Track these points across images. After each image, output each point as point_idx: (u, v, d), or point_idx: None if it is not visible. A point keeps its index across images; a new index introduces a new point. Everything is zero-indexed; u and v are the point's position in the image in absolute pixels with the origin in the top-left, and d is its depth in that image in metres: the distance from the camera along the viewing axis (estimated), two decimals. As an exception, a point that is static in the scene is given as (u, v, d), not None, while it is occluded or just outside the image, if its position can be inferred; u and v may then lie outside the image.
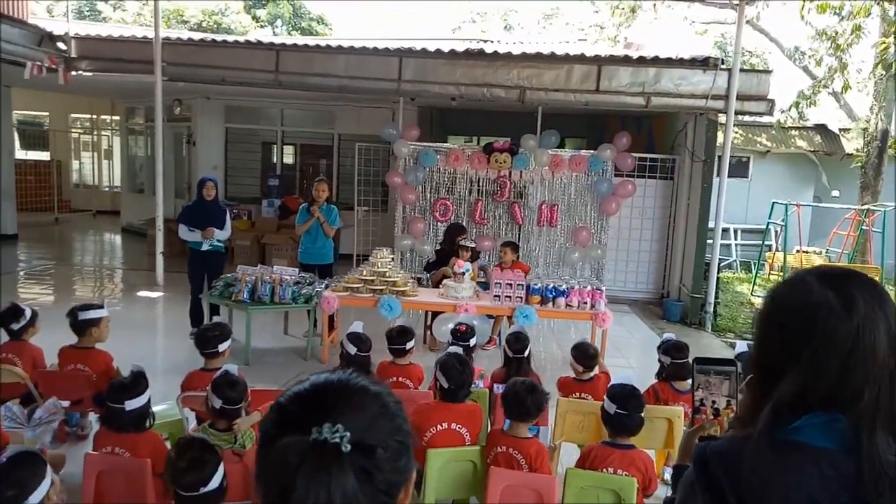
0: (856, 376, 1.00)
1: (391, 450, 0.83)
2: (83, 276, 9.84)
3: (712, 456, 1.07)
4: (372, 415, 0.84)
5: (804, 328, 1.04)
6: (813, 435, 1.01)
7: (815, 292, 1.05)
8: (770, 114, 8.53)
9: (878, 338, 1.00)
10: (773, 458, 1.02)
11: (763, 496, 1.00)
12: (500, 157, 8.77)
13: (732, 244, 13.42)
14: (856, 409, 0.99)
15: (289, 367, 5.89)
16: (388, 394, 0.91)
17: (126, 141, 13.94)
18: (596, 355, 4.07)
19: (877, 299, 1.03)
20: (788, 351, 1.06)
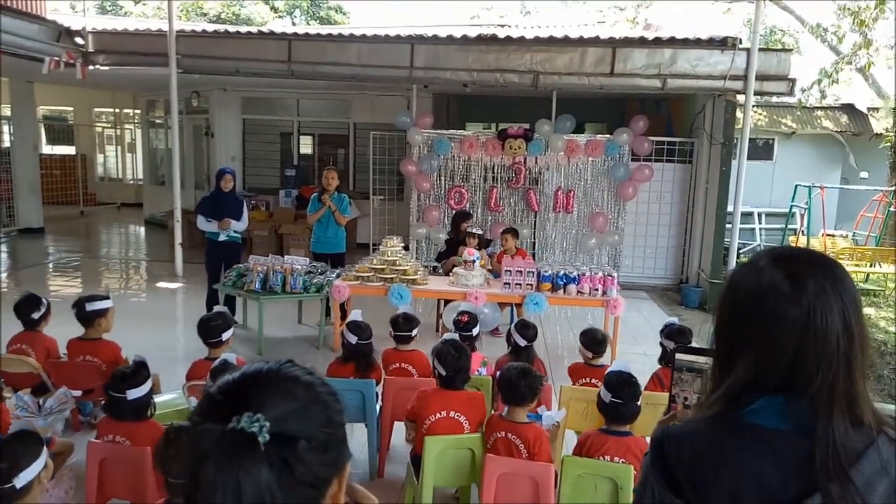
0: (808, 360, 0.97)
1: (318, 442, 0.81)
2: (107, 267, 10.04)
3: (668, 438, 1.07)
4: (299, 405, 0.82)
5: (755, 312, 1.02)
6: (769, 416, 1.00)
7: (766, 275, 1.03)
8: (791, 94, 8.31)
9: (831, 321, 0.97)
10: (726, 438, 1.02)
11: (714, 476, 1.00)
12: (514, 144, 8.70)
13: (756, 228, 13.14)
14: (810, 391, 0.97)
15: (301, 356, 5.94)
16: (321, 384, 0.89)
17: (147, 134, 14.15)
18: (605, 341, 4.03)
19: (830, 281, 1.00)
20: (742, 335, 1.04)
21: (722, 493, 0.98)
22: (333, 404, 0.88)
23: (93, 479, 2.91)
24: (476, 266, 6.04)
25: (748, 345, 1.02)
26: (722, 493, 0.98)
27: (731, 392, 1.04)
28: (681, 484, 1.01)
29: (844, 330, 0.97)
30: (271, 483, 0.75)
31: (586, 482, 2.85)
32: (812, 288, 0.98)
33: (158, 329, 6.57)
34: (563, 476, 2.87)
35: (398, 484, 3.68)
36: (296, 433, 0.79)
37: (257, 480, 0.74)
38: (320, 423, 0.84)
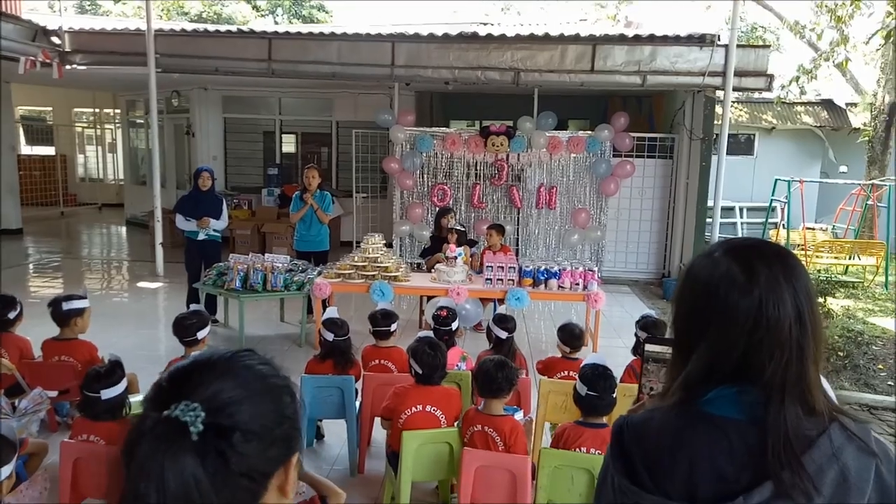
0: (762, 349, 0.98)
1: (258, 435, 0.79)
2: (88, 268, 9.93)
3: (627, 427, 1.08)
4: (243, 396, 0.81)
5: (709, 302, 1.03)
6: (723, 406, 1.01)
7: (720, 266, 1.03)
8: (769, 89, 8.40)
9: (783, 310, 0.98)
10: (681, 428, 1.03)
11: (669, 466, 1.00)
12: (496, 141, 8.72)
13: (738, 223, 13.29)
14: (763, 380, 0.98)
15: (283, 354, 5.92)
16: (275, 376, 0.88)
17: (127, 133, 14.03)
18: (582, 336, 4.05)
19: (783, 271, 1.00)
20: (697, 325, 1.05)
21: (678, 482, 0.98)
22: (284, 397, 0.87)
23: (66, 479, 2.89)
24: (458, 262, 6.05)
25: (703, 335, 1.03)
26: (678, 482, 0.98)
27: (689, 381, 1.05)
28: (639, 472, 1.02)
29: (797, 318, 0.98)
30: (198, 473, 0.73)
31: (563, 474, 2.87)
32: (764, 277, 0.99)
33: (139, 329, 6.52)
34: (541, 468, 2.88)
35: (378, 479, 3.68)
36: (232, 425, 0.77)
37: (182, 469, 0.72)
38: (265, 416, 0.82)
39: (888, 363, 6.13)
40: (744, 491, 0.94)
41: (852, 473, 0.93)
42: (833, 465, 0.93)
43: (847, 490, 0.92)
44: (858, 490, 0.92)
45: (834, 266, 10.30)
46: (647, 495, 0.99)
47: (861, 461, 0.94)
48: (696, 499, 0.96)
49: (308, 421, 3.79)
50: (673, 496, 0.98)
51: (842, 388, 5.45)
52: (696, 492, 0.97)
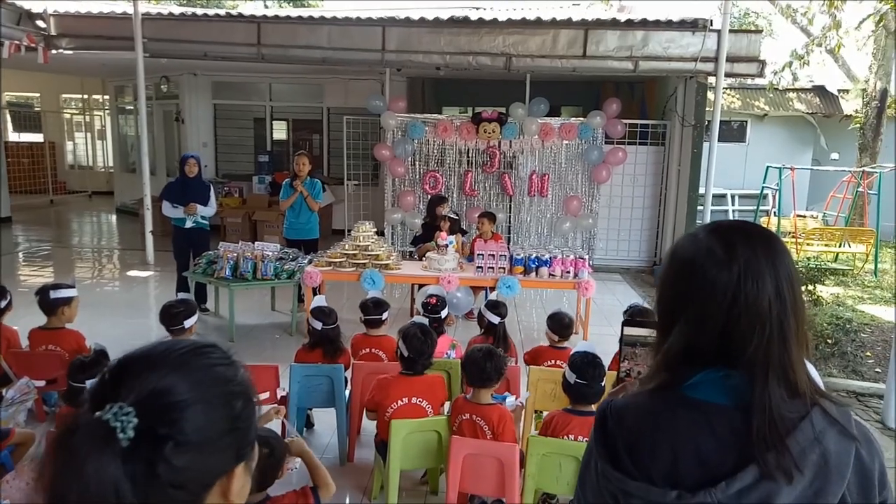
0: (740, 326, 0.98)
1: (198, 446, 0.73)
2: (78, 256, 9.87)
3: (611, 412, 1.08)
4: (191, 401, 0.74)
5: (688, 277, 1.03)
6: (708, 391, 1.00)
7: (702, 243, 1.04)
8: (761, 75, 8.38)
9: (762, 285, 0.98)
10: (664, 413, 1.03)
11: (652, 452, 1.00)
12: (488, 127, 8.68)
13: (730, 210, 13.31)
14: (744, 360, 0.97)
15: (274, 343, 5.91)
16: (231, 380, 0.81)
17: (116, 120, 13.88)
18: (571, 325, 4.05)
19: (764, 249, 1.00)
20: (677, 301, 1.05)
21: (661, 468, 0.98)
22: (237, 403, 0.80)
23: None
24: (449, 250, 6.03)
25: (683, 310, 1.03)
26: (661, 468, 0.98)
27: (669, 358, 1.04)
28: (622, 458, 1.01)
29: (777, 294, 0.97)
30: (122, 481, 0.68)
31: (551, 461, 2.88)
32: (743, 253, 0.99)
33: (129, 318, 6.49)
34: (529, 455, 2.89)
35: (368, 468, 3.68)
36: (168, 434, 0.71)
37: (105, 476, 0.68)
38: (210, 425, 0.75)
39: (876, 350, 6.18)
40: (727, 476, 0.93)
41: (833, 458, 0.93)
42: (815, 450, 0.93)
43: (828, 474, 0.93)
44: (839, 474, 0.93)
45: (824, 253, 10.35)
46: (630, 482, 0.99)
47: (842, 445, 0.94)
48: (679, 484, 0.96)
49: (297, 410, 3.78)
50: (656, 482, 0.98)
51: (830, 375, 5.49)
52: (679, 477, 0.97)
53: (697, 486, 0.95)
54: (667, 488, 0.96)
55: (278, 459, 2.15)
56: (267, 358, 5.31)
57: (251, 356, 5.37)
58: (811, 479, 0.92)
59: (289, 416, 3.82)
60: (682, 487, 0.95)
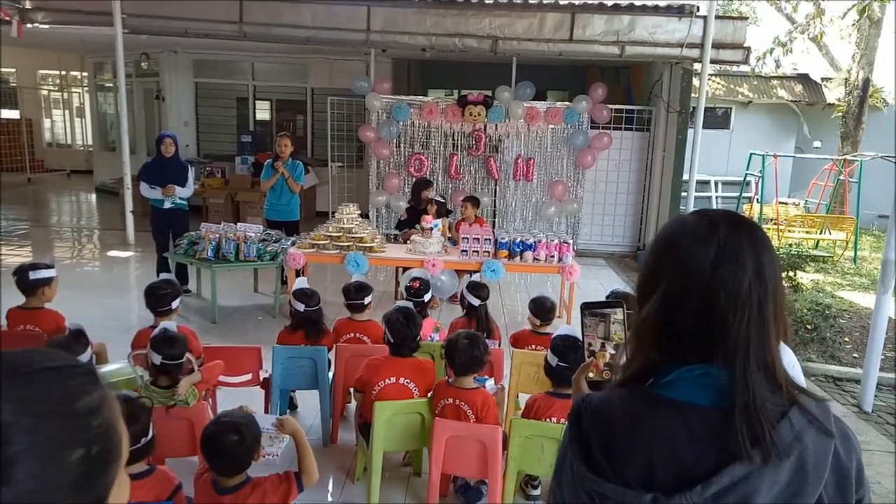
0: (718, 307, 0.96)
1: (48, 467, 0.60)
2: (57, 236, 9.71)
3: (586, 409, 1.05)
4: (34, 413, 0.61)
5: (669, 253, 1.03)
6: (685, 390, 0.98)
7: (687, 223, 1.04)
8: (746, 62, 8.42)
9: (741, 268, 0.96)
10: (640, 413, 1.00)
11: (628, 452, 0.97)
12: (474, 111, 8.63)
13: (713, 196, 13.41)
14: (724, 350, 0.95)
15: (257, 325, 5.88)
16: (85, 395, 0.66)
17: (95, 98, 13.60)
18: (553, 309, 4.05)
19: (747, 235, 0.99)
20: (656, 274, 1.04)
21: (636, 469, 0.96)
22: (97, 416, 0.65)
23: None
24: (434, 234, 6.02)
25: (660, 283, 1.02)
26: (636, 469, 0.96)
27: (645, 333, 1.03)
28: (596, 458, 0.99)
29: (757, 277, 0.96)
30: None
31: (534, 444, 2.90)
32: (725, 235, 0.98)
33: (109, 298, 6.41)
34: (511, 438, 2.91)
35: (351, 450, 3.69)
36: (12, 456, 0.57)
37: None
38: (62, 443, 0.61)
39: (854, 336, 6.28)
40: (703, 479, 0.92)
41: (811, 458, 0.92)
42: (794, 450, 0.91)
43: (805, 475, 0.91)
44: (816, 475, 0.92)
45: (805, 240, 10.48)
46: (605, 483, 0.96)
47: (820, 445, 0.93)
48: (655, 487, 0.94)
49: (280, 392, 3.77)
50: (632, 484, 0.95)
51: (809, 360, 5.58)
52: (655, 479, 0.95)
53: (673, 489, 0.92)
54: (642, 491, 0.94)
55: (249, 446, 2.14)
56: (249, 340, 5.28)
57: (233, 338, 5.34)
58: (788, 481, 0.91)
59: (272, 398, 3.81)
60: (657, 490, 0.93)
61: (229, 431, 2.09)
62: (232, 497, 2.14)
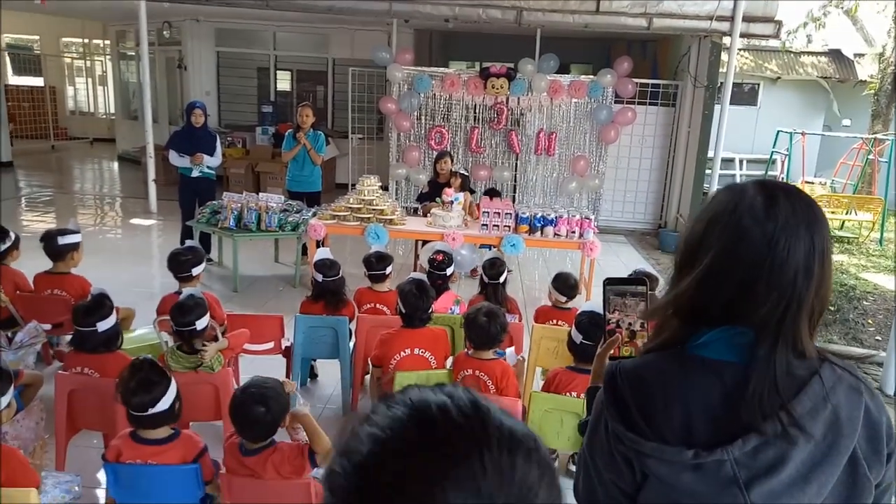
0: (756, 288, 0.95)
1: None
2: (81, 203, 9.84)
3: (621, 372, 1.06)
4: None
5: (721, 220, 1.00)
6: (718, 349, 0.99)
7: (744, 192, 1.00)
8: (777, 37, 8.19)
9: (793, 255, 0.94)
10: (675, 372, 1.01)
11: (665, 411, 0.99)
12: (496, 83, 8.52)
13: (737, 174, 13.18)
14: (756, 320, 0.95)
15: (277, 294, 5.94)
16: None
17: (118, 66, 13.63)
18: (576, 286, 4.04)
19: (807, 217, 0.96)
20: (703, 242, 1.02)
21: (674, 427, 0.97)
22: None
23: (62, 411, 2.92)
24: (455, 207, 6.00)
25: (706, 252, 1.00)
26: (674, 427, 0.97)
27: (680, 303, 1.02)
28: (634, 418, 1.00)
29: (805, 268, 0.95)
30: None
31: (553, 417, 2.92)
32: (783, 217, 0.95)
33: (133, 265, 6.51)
34: (531, 411, 2.93)
35: (371, 418, 3.73)
36: None
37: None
38: None
39: (877, 319, 6.20)
40: (741, 433, 0.93)
41: (844, 412, 0.93)
42: (826, 405, 0.93)
43: (839, 429, 0.93)
44: (850, 428, 0.93)
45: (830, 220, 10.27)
46: (645, 442, 0.98)
47: (851, 400, 0.94)
48: (693, 443, 0.95)
49: (302, 360, 3.82)
50: (670, 441, 0.97)
51: (831, 341, 5.53)
52: (693, 436, 0.96)
53: (713, 444, 0.94)
54: (682, 447, 0.95)
55: (274, 416, 2.18)
56: (270, 309, 5.35)
57: (254, 306, 5.41)
58: (823, 434, 0.92)
59: (293, 367, 3.87)
60: (697, 446, 0.95)
61: (256, 402, 2.13)
62: (254, 459, 2.20)
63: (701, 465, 0.94)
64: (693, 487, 0.96)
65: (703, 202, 1.09)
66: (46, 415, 3.19)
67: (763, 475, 0.92)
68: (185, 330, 2.90)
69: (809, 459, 0.92)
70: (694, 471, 0.95)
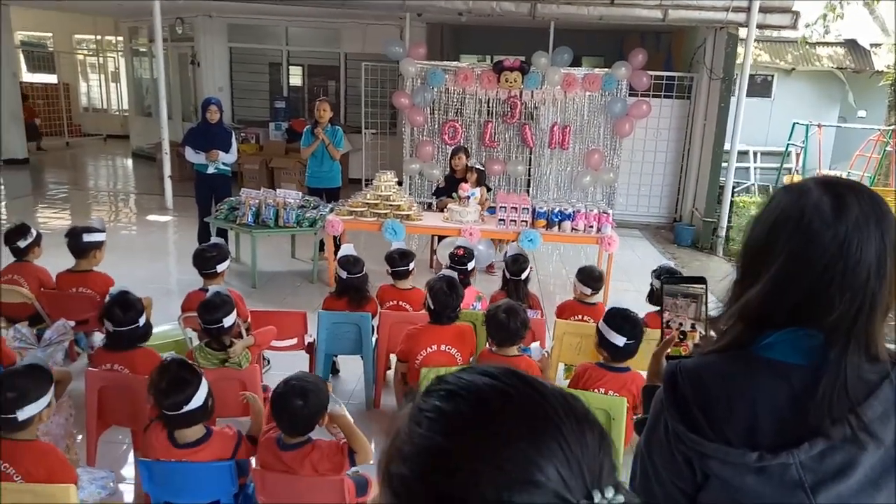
0: (832, 287, 0.93)
1: None
2: (95, 200, 9.90)
3: (682, 372, 1.05)
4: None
5: (789, 225, 0.97)
6: (784, 351, 0.97)
7: (811, 195, 0.97)
8: (794, 27, 8.09)
9: (865, 254, 0.93)
10: (740, 372, 1.00)
11: (729, 412, 0.98)
12: (510, 76, 8.48)
13: (751, 167, 13.07)
14: (827, 323, 0.94)
15: (295, 290, 5.96)
16: None
17: (131, 63, 13.68)
18: (601, 278, 4.02)
19: (875, 214, 0.94)
20: (771, 248, 0.99)
21: (738, 428, 0.96)
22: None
23: (93, 407, 2.95)
24: (471, 202, 5.99)
25: (775, 258, 0.98)
26: (738, 428, 0.96)
27: (748, 312, 1.01)
28: (696, 419, 0.99)
29: (878, 268, 0.93)
30: None
31: (580, 413, 2.91)
32: (853, 217, 0.93)
33: (151, 262, 6.55)
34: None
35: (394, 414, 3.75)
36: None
37: None
38: None
39: None
40: (806, 437, 0.91)
41: None
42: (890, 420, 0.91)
43: None
44: None
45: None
46: (707, 443, 0.97)
47: None
48: (758, 446, 0.94)
49: (324, 356, 3.83)
50: (734, 443, 0.96)
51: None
52: (757, 438, 0.95)
53: (778, 447, 0.93)
54: (745, 449, 0.94)
55: (311, 412, 2.19)
56: (288, 304, 5.38)
57: (273, 302, 5.43)
58: (894, 440, 0.91)
59: (316, 362, 3.88)
60: (761, 448, 0.94)
61: (295, 395, 2.15)
62: (292, 454, 2.21)
63: (765, 468, 0.93)
64: (757, 490, 0.95)
65: (762, 205, 1.06)
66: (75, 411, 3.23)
67: (830, 480, 0.91)
68: (213, 327, 2.92)
69: (880, 465, 0.91)
70: (758, 473, 0.94)
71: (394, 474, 0.61)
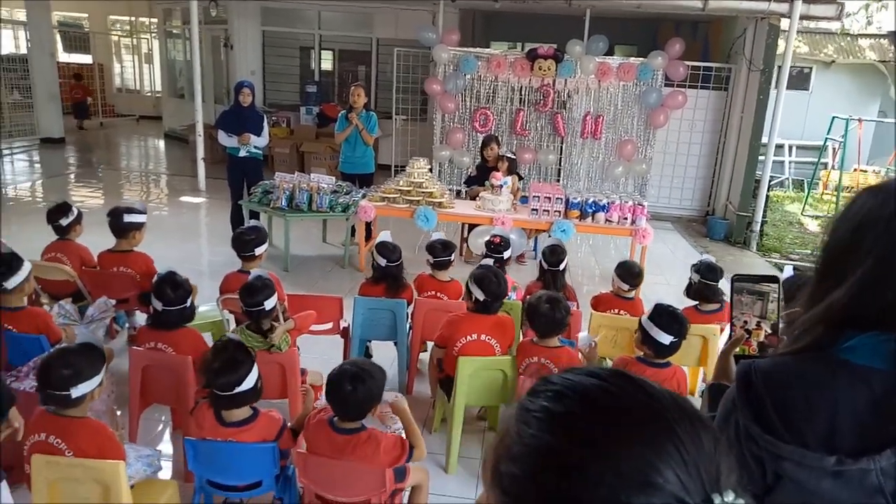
0: None
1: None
2: (128, 180, 10.04)
3: (757, 372, 1.02)
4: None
5: (873, 230, 0.94)
6: (867, 355, 0.94)
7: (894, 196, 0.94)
8: (838, 19, 7.86)
9: None
10: (819, 375, 0.97)
11: (808, 415, 0.95)
12: (543, 64, 8.39)
13: (786, 161, 12.82)
14: None
15: (326, 274, 6.00)
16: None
17: (165, 44, 13.80)
18: (641, 275, 3.96)
19: None
20: (852, 256, 0.97)
21: (817, 432, 0.94)
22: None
23: (136, 386, 3.00)
24: (503, 191, 5.96)
25: (861, 261, 0.95)
26: (817, 432, 0.94)
27: (831, 315, 0.98)
28: (772, 420, 0.97)
29: None
30: None
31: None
32: None
33: (183, 242, 6.64)
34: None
35: (426, 401, 3.77)
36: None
37: None
38: None
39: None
40: (891, 443, 0.89)
41: None
42: None
43: None
44: None
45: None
46: (783, 445, 0.95)
47: None
48: (836, 450, 0.92)
49: (359, 342, 3.85)
50: (811, 446, 0.93)
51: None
52: (836, 443, 0.93)
53: (857, 453, 0.90)
54: (823, 453, 0.92)
55: (360, 398, 2.18)
56: (320, 289, 5.41)
57: (305, 286, 5.47)
58: None
59: (350, 347, 3.91)
60: (839, 452, 0.91)
61: (346, 379, 2.16)
62: (347, 437, 2.23)
63: (842, 473, 0.91)
64: (833, 494, 0.92)
65: (845, 204, 1.03)
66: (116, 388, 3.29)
67: None
68: (255, 310, 2.95)
69: None
70: (835, 478, 0.92)
71: (504, 473, 0.62)
